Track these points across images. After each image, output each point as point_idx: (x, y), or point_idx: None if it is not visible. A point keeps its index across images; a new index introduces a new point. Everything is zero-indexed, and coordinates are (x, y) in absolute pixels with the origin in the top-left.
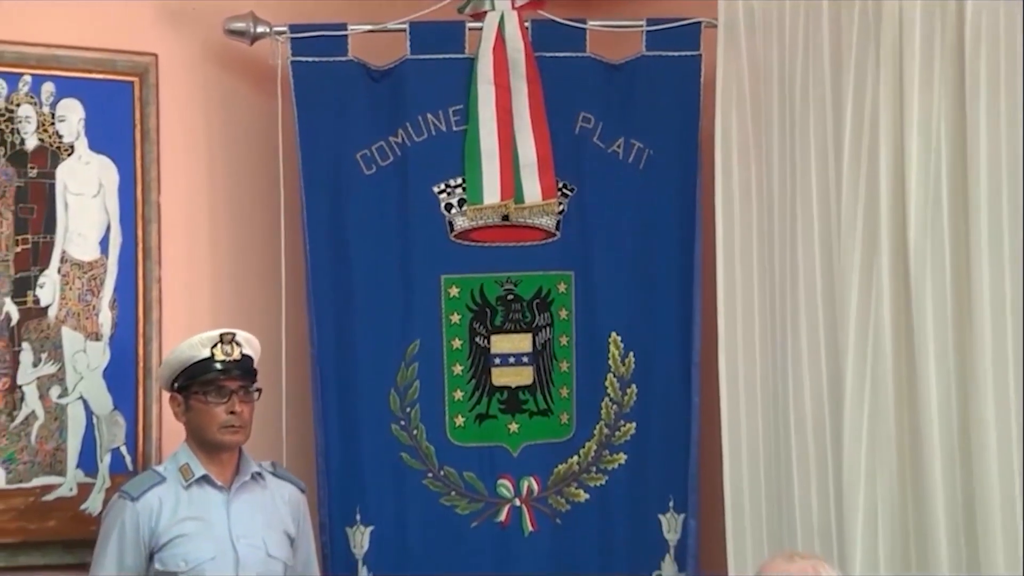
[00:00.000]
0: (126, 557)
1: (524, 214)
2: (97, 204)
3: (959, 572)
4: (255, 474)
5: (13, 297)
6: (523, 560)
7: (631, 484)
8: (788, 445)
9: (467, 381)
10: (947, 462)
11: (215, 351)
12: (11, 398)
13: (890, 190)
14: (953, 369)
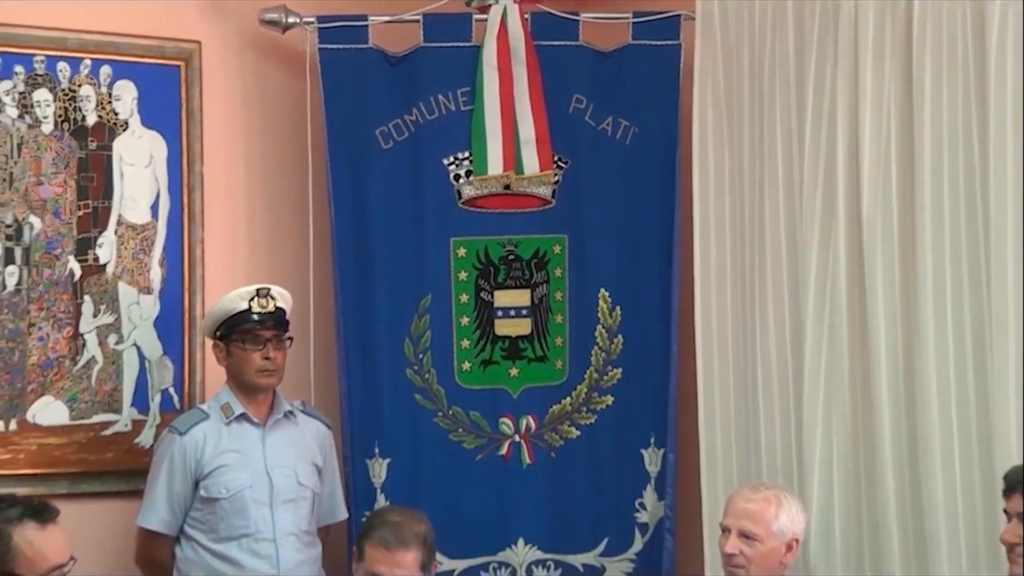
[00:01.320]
0: (175, 484)
1: (523, 184)
2: (148, 174)
3: (903, 499)
4: (287, 412)
5: (76, 256)
6: (521, 489)
7: (617, 422)
8: (755, 390)
9: (473, 331)
10: (893, 405)
11: (252, 304)
12: (74, 344)
13: (846, 166)
14: (899, 324)
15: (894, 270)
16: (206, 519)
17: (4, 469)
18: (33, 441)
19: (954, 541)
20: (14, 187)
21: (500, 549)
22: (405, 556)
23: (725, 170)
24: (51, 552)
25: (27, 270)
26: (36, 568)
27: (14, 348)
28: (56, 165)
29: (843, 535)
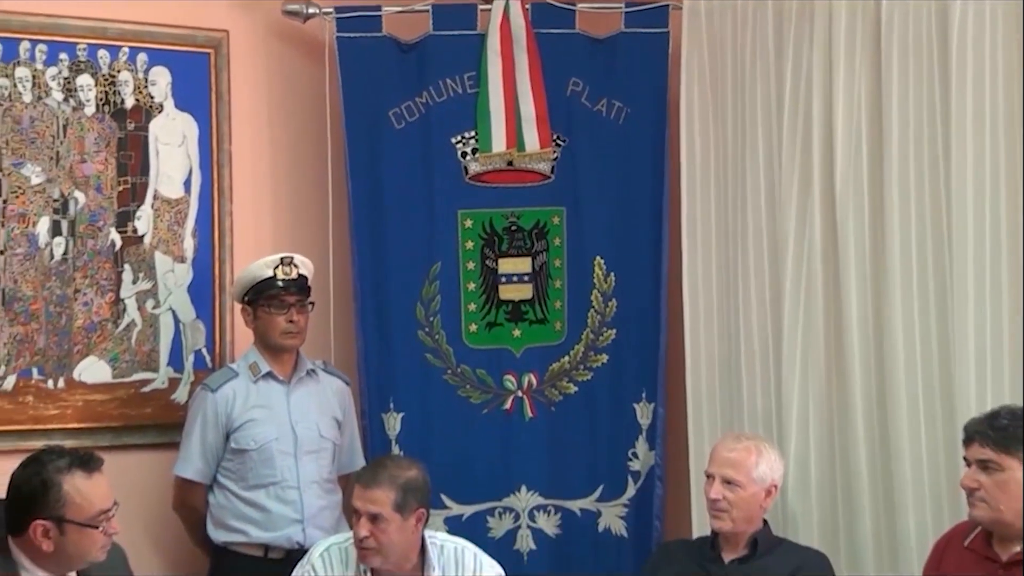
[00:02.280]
0: (208, 437)
1: (525, 160)
2: (181, 152)
3: (873, 449)
4: (309, 370)
5: (116, 227)
6: (524, 440)
7: (611, 379)
8: (738, 349)
9: (479, 295)
10: (863, 363)
11: (277, 271)
12: (115, 309)
13: (821, 146)
14: (869, 290)
15: (864, 241)
16: (236, 468)
17: (53, 423)
18: (79, 398)
19: (919, 487)
20: (60, 165)
21: (504, 495)
22: (376, 493)
23: (710, 149)
24: (97, 498)
25: (73, 241)
26: (84, 512)
27: (61, 312)
28: (98, 144)
29: (818, 482)
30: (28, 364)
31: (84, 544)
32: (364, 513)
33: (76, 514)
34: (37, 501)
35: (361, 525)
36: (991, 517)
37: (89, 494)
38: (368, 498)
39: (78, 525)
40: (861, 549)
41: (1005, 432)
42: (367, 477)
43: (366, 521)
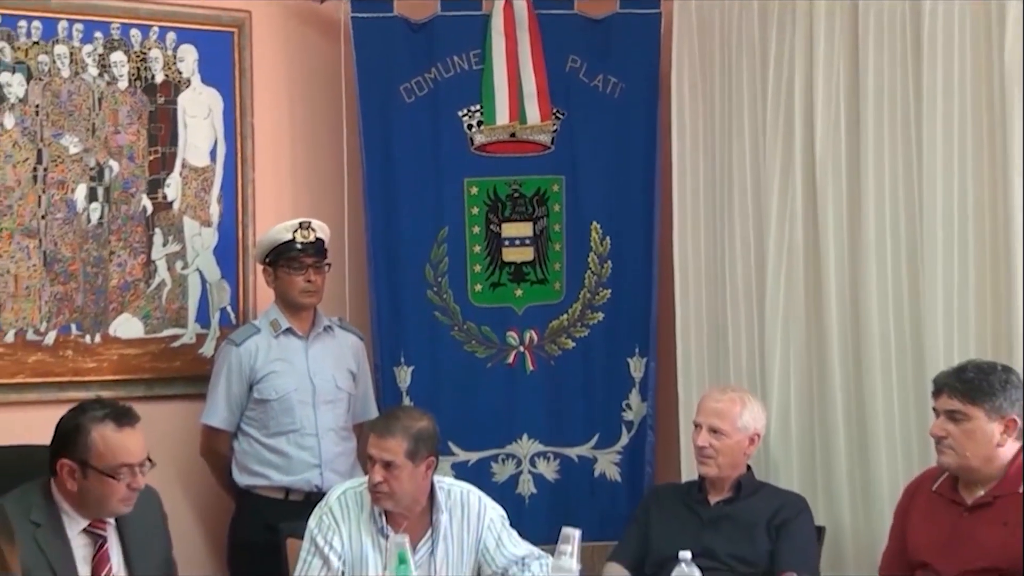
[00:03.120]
0: (232, 387)
1: (527, 132)
2: (207, 124)
3: (848, 399)
4: (326, 327)
5: (148, 194)
6: (525, 392)
7: (607, 335)
8: (724, 307)
9: (484, 257)
10: (840, 319)
11: (296, 235)
12: (147, 270)
13: (802, 116)
14: (846, 251)
15: (842, 210)
16: (259, 417)
17: (91, 376)
18: (114, 352)
19: (891, 435)
20: (96, 135)
21: (507, 443)
22: (390, 442)
23: (699, 120)
24: (121, 451)
25: (107, 206)
26: (105, 461)
27: (97, 273)
28: (130, 117)
29: (797, 430)
30: (67, 321)
31: (103, 491)
32: (378, 460)
33: (97, 461)
34: (67, 442)
35: (376, 471)
36: (958, 463)
37: (114, 445)
38: (382, 447)
39: (98, 472)
40: (837, 492)
41: (971, 384)
42: (381, 427)
43: (380, 468)
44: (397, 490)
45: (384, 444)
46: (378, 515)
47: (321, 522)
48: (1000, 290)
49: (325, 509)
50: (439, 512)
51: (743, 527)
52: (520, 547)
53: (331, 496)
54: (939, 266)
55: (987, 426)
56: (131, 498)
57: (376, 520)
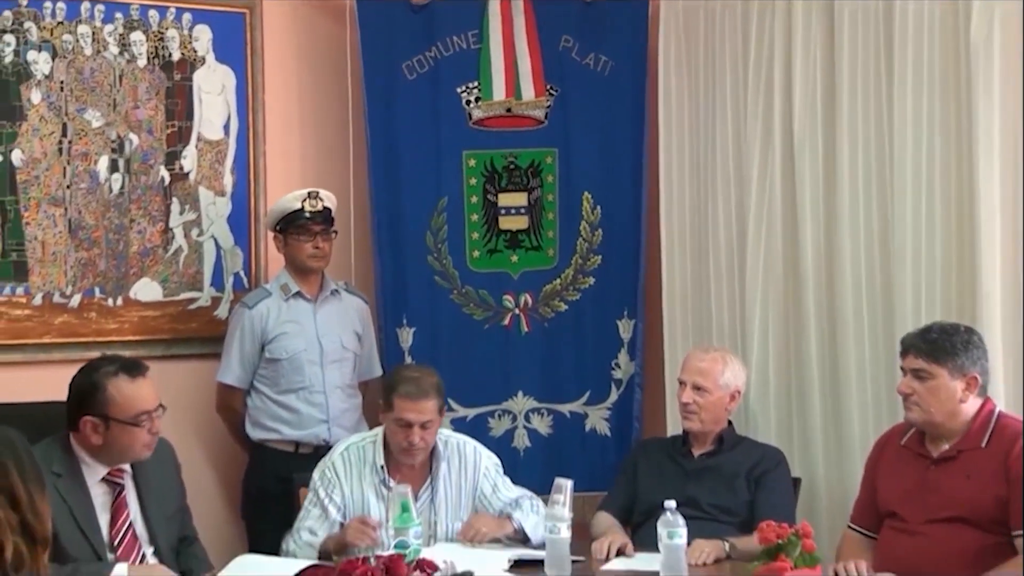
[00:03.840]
0: (245, 347)
1: (522, 107)
2: (221, 100)
3: (823, 359)
4: (333, 290)
5: (165, 165)
6: (520, 352)
7: (597, 299)
8: (707, 272)
9: (481, 226)
10: (816, 283)
11: (304, 204)
12: (165, 237)
13: (781, 90)
14: (822, 220)
15: (818, 177)
16: (270, 375)
17: (113, 336)
18: (135, 314)
19: (862, 392)
20: (116, 110)
21: (503, 399)
22: (427, 403)
23: (684, 97)
24: (139, 400)
25: (128, 177)
26: (126, 411)
27: (119, 239)
28: (149, 93)
29: (775, 388)
30: (91, 284)
31: (127, 440)
32: (417, 423)
33: (119, 413)
34: (86, 400)
35: (415, 433)
36: (923, 419)
37: (131, 396)
38: (422, 409)
39: (121, 422)
40: (812, 445)
41: (935, 345)
42: (414, 390)
43: (418, 429)
44: (430, 443)
45: (422, 407)
46: (379, 467)
47: (324, 475)
48: (964, 257)
49: (328, 464)
50: (439, 461)
51: (724, 478)
52: (513, 491)
53: (335, 452)
54: (908, 235)
55: (950, 383)
56: (152, 442)
57: (378, 472)
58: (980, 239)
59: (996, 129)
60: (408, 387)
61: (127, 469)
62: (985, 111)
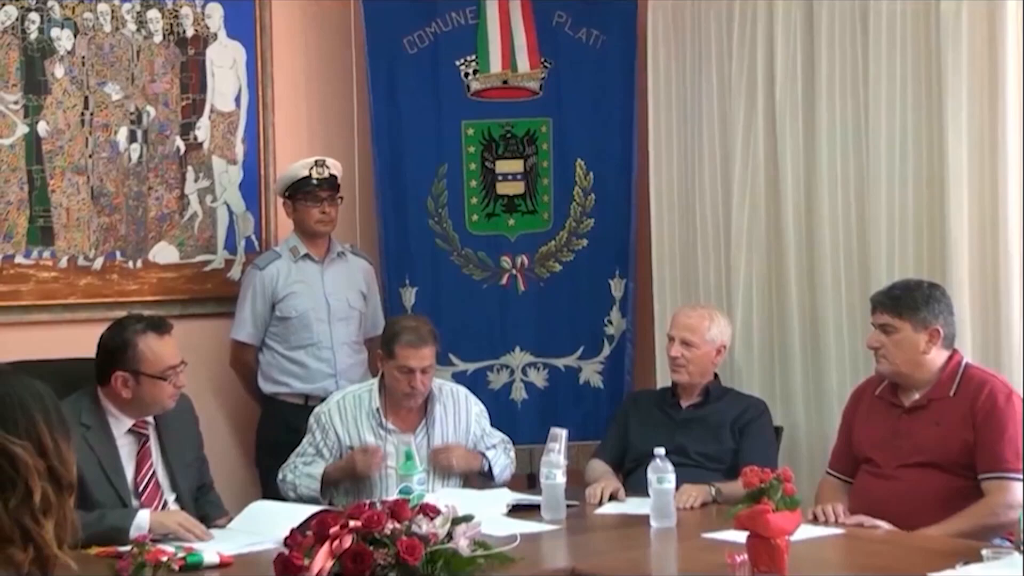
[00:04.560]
0: (257, 307)
1: (518, 79)
2: (232, 74)
3: (804, 316)
4: (339, 252)
5: (181, 136)
6: (517, 309)
7: (590, 259)
8: (695, 233)
9: (479, 191)
10: (796, 243)
11: (312, 171)
12: (180, 203)
13: (763, 63)
14: (802, 183)
15: (799, 143)
16: (281, 332)
17: (133, 297)
18: (153, 276)
19: (840, 346)
20: (135, 84)
21: (501, 354)
22: (426, 350)
23: (672, 71)
24: (166, 356)
25: (146, 147)
26: (154, 367)
27: (138, 206)
28: (164, 67)
29: (759, 342)
30: (112, 248)
31: (155, 393)
32: (418, 369)
33: (148, 368)
34: (117, 356)
35: (416, 379)
36: (891, 370)
37: (159, 352)
38: (422, 356)
39: (150, 377)
40: (793, 396)
41: (898, 300)
42: (415, 339)
43: (419, 374)
44: (428, 388)
45: (423, 354)
46: (375, 410)
47: (319, 420)
48: (935, 218)
49: (324, 410)
50: (434, 404)
51: (711, 428)
52: (495, 436)
53: (331, 400)
54: (882, 200)
55: (913, 336)
56: (176, 395)
57: (375, 415)
58: (949, 204)
59: (964, 99)
60: (409, 336)
61: (150, 421)
62: (954, 83)
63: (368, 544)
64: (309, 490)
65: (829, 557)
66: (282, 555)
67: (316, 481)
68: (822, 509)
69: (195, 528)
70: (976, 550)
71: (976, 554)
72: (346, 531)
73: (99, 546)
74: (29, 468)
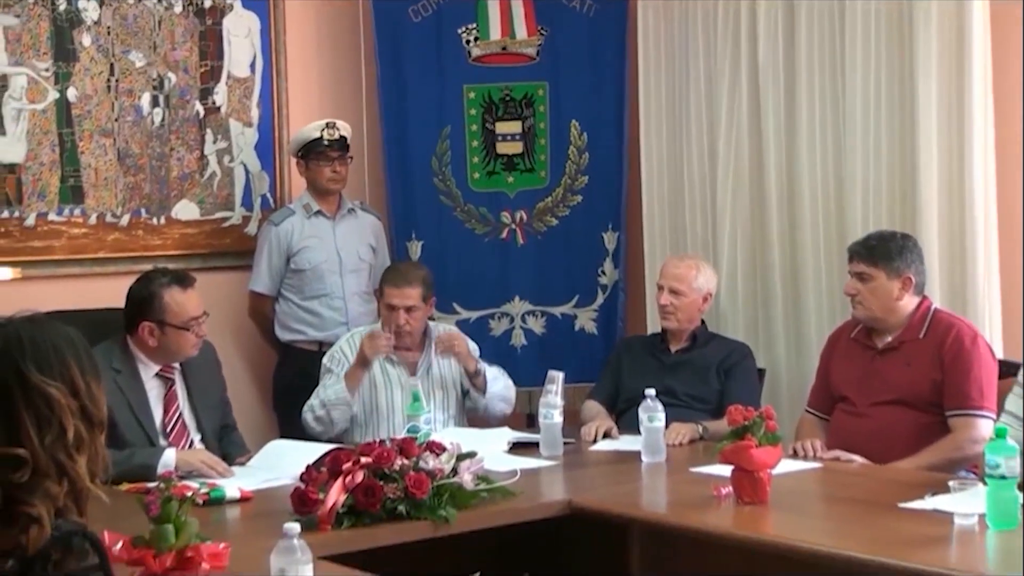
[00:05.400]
0: (273, 260)
1: (516, 45)
2: (247, 42)
3: (785, 267)
4: (350, 209)
5: (200, 100)
6: (517, 261)
7: (584, 214)
8: (682, 188)
9: (481, 151)
10: (778, 198)
11: (323, 133)
12: (200, 163)
13: (747, 29)
14: (783, 139)
15: (780, 105)
16: (296, 284)
17: (157, 251)
18: (176, 231)
19: (818, 292)
20: (157, 52)
21: (502, 303)
22: (410, 290)
23: (661, 37)
24: (189, 307)
25: (167, 111)
26: (178, 317)
27: (161, 166)
28: (184, 36)
29: (743, 290)
30: (138, 206)
31: (179, 342)
32: (401, 307)
33: (172, 318)
34: (144, 307)
35: (399, 316)
36: (867, 315)
37: (183, 304)
38: (404, 295)
39: (174, 327)
40: (774, 340)
41: (873, 250)
42: (399, 279)
43: (403, 312)
44: (415, 328)
45: (406, 293)
46: None
47: (332, 357)
48: (906, 173)
49: (336, 348)
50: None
51: (698, 370)
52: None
53: (340, 340)
54: (858, 152)
55: (887, 284)
56: (199, 343)
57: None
58: (919, 161)
59: (933, 70)
60: (394, 276)
61: (176, 366)
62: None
63: (378, 479)
64: (336, 395)
65: (808, 489)
66: (298, 490)
67: (340, 381)
68: (801, 444)
69: (217, 465)
70: (943, 482)
71: (943, 485)
72: (358, 467)
73: (129, 482)
74: (63, 407)
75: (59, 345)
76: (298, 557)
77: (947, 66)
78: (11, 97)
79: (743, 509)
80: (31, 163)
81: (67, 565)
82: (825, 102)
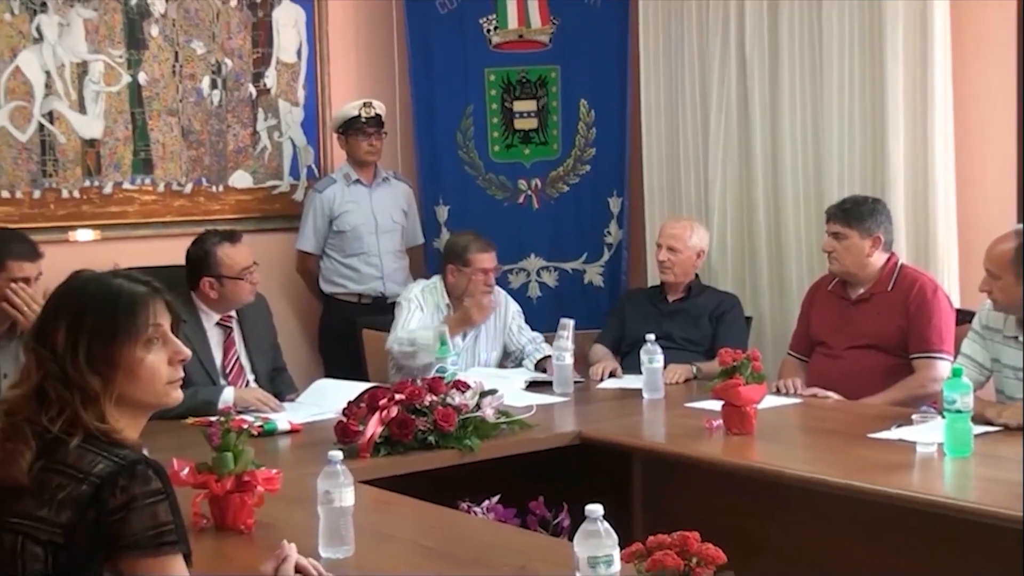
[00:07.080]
0: (317, 222)
1: (531, 34)
2: (294, 32)
3: (770, 225)
4: (384, 178)
5: (253, 83)
6: (533, 223)
7: (593, 182)
8: (678, 158)
9: (500, 126)
10: (763, 163)
11: (361, 111)
12: (253, 139)
13: (736, 17)
14: (768, 111)
15: (765, 81)
16: (338, 243)
17: (216, 216)
18: (232, 198)
19: (799, 249)
20: (215, 41)
21: (520, 259)
22: (494, 254)
23: (660, 25)
24: (240, 259)
25: (224, 92)
26: (232, 269)
27: (219, 140)
28: (239, 27)
29: (732, 246)
30: (199, 176)
31: (237, 291)
32: (492, 271)
33: (227, 271)
34: (202, 265)
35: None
36: (841, 270)
37: (234, 257)
38: (493, 258)
39: (230, 279)
40: (761, 292)
41: (848, 212)
42: (487, 247)
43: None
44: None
45: (494, 256)
46: (446, 306)
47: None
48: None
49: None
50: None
51: (692, 318)
52: (528, 333)
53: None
54: (834, 129)
55: (859, 242)
56: (254, 291)
57: (444, 310)
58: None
59: (900, 47)
60: (479, 243)
61: (233, 316)
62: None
63: (411, 413)
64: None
65: (789, 422)
66: (341, 422)
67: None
68: (783, 383)
69: (270, 402)
70: (907, 415)
71: (907, 419)
72: (393, 403)
73: (194, 417)
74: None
75: (62, 305)
76: (341, 481)
77: (912, 50)
78: (91, 81)
79: (732, 439)
80: (108, 139)
81: (132, 489)
82: (805, 83)
